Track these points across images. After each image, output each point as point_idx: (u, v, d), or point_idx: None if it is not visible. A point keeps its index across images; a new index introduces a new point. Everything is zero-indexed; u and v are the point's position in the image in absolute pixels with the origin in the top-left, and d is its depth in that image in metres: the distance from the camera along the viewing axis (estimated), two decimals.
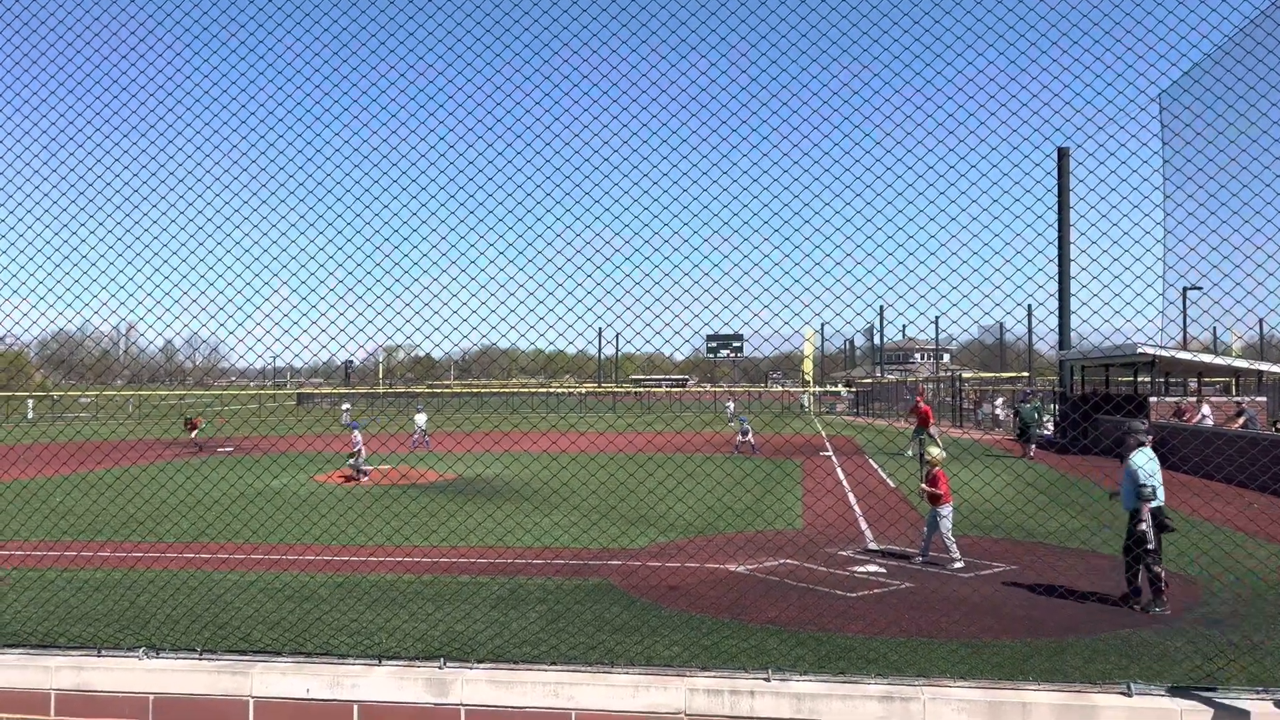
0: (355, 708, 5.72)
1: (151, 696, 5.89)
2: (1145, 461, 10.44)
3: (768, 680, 5.58)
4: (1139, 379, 35.29)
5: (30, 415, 61.74)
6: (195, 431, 37.36)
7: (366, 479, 23.90)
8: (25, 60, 7.14)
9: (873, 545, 14.74)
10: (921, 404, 31.12)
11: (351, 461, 24.41)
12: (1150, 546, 10.22)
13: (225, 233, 7.02)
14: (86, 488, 19.05)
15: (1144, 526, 10.25)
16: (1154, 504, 10.35)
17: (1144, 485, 10.26)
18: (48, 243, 7.07)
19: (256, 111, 6.88)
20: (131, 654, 6.15)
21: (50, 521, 16.24)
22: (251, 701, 5.81)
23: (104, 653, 6.20)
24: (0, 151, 7.25)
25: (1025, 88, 5.60)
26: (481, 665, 5.87)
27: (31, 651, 6.33)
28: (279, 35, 6.74)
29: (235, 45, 6.81)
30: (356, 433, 24.83)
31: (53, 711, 5.98)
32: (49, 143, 7.08)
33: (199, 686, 5.86)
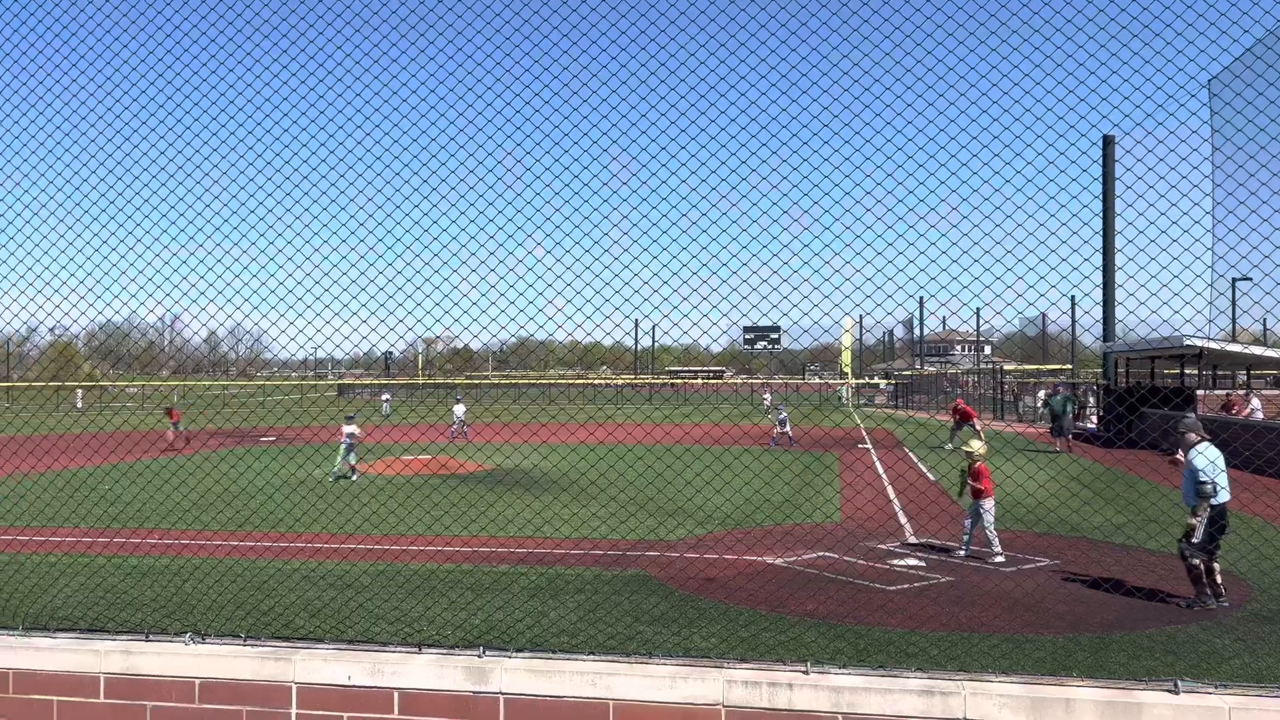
0: (396, 695, 5.77)
1: (198, 681, 5.99)
2: (1211, 458, 10.13)
3: (806, 673, 5.55)
4: (1186, 372, 34.61)
5: (79, 405, 63.08)
6: (176, 424, 32.36)
7: (355, 475, 22.80)
8: (73, 55, 7.27)
9: (912, 539, 14.62)
10: (961, 404, 30.94)
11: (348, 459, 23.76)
12: (1195, 540, 10.01)
13: (268, 224, 7.11)
14: (134, 476, 19.43)
15: (1194, 521, 10.05)
16: (1217, 500, 10.06)
17: (1204, 482, 9.98)
18: (95, 234, 7.19)
19: (298, 104, 6.94)
20: (178, 639, 6.25)
21: (100, 509, 16.57)
22: (295, 687, 5.89)
23: (151, 637, 6.31)
24: (51, 145, 7.38)
25: (1071, 74, 5.50)
26: (520, 654, 5.90)
27: (82, 635, 6.46)
28: (311, 20, 6.79)
29: (268, 32, 6.88)
30: (351, 427, 23.17)
31: (102, 694, 6.10)
32: (96, 135, 7.20)
33: (244, 671, 5.95)
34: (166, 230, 7.10)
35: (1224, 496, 10.18)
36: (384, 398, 61.46)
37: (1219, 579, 10.16)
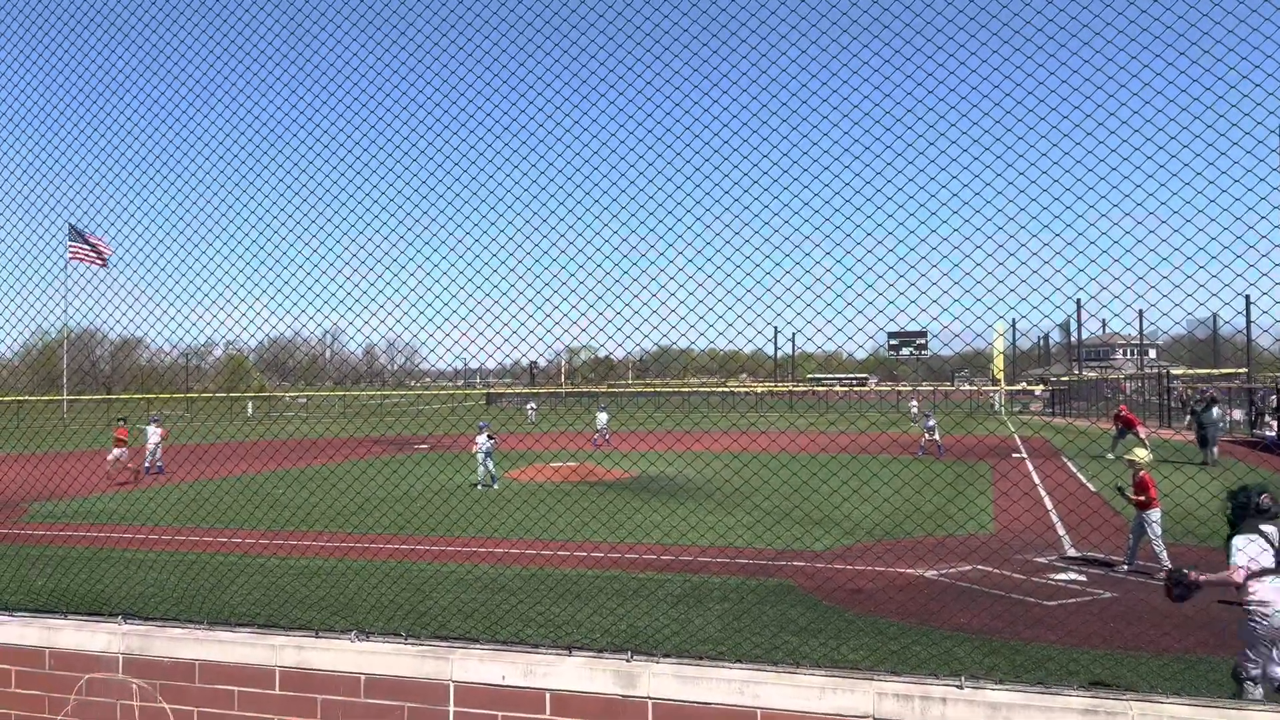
0: (547, 695, 5.91)
1: (363, 676, 6.31)
2: None
3: (960, 688, 5.38)
4: None
5: (250, 413, 67.27)
6: (118, 452, 25.12)
7: (496, 483, 22.77)
8: (221, 64, 7.79)
9: (1071, 552, 13.96)
10: (1124, 410, 29.40)
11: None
12: None
13: (424, 240, 7.43)
14: (304, 481, 20.58)
15: None
16: None
17: None
18: (260, 247, 7.69)
19: (442, 117, 7.24)
20: (344, 636, 6.59)
21: (272, 513, 17.63)
22: (452, 685, 6.12)
23: (321, 634, 6.67)
24: (220, 169, 7.94)
25: (1245, 58, 5.16)
26: (667, 660, 5.95)
27: (258, 631, 6.90)
28: (462, 28, 7.06)
29: (432, 33, 7.19)
30: (482, 436, 22.78)
31: (277, 686, 6.50)
32: (261, 156, 7.71)
33: (404, 669, 6.23)
34: (329, 246, 7.52)
35: None
36: (530, 406, 63.06)
37: None
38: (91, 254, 12.04)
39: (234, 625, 7.01)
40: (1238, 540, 6.90)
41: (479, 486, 22.26)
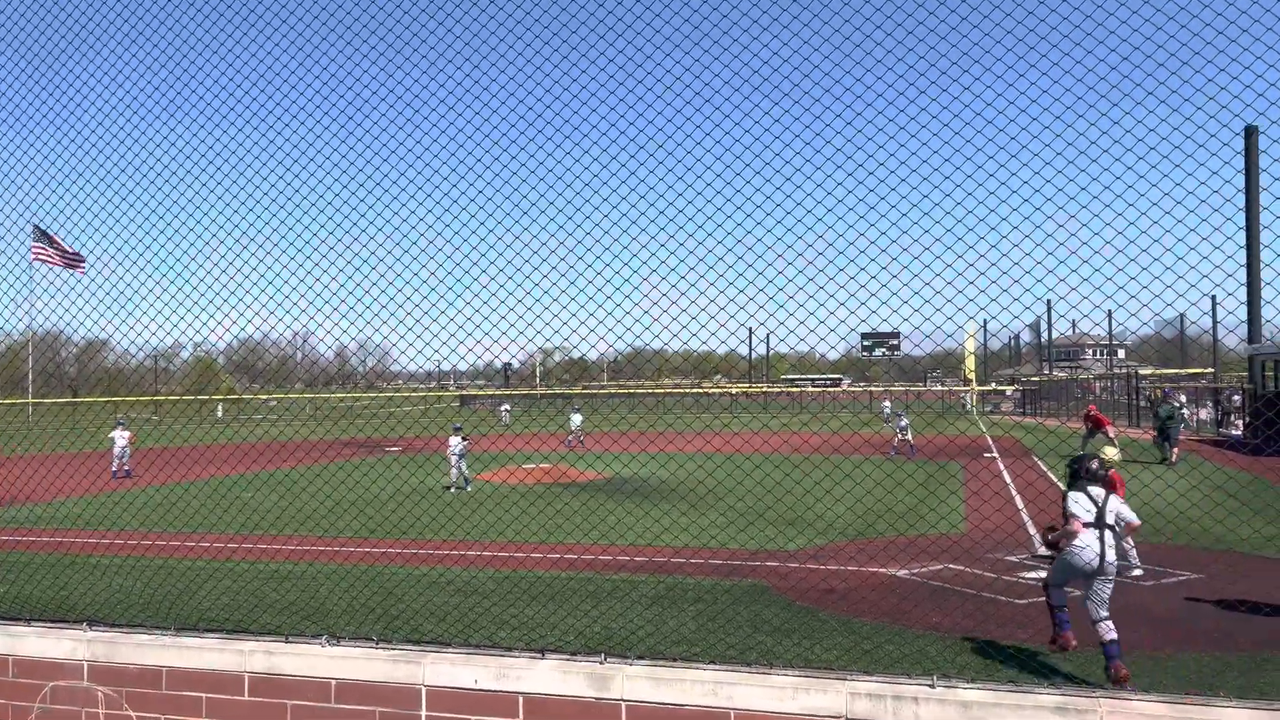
0: (520, 699, 5.89)
1: (334, 681, 6.25)
2: None
3: (933, 687, 5.41)
4: None
5: (220, 415, 66.57)
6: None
7: (469, 485, 22.41)
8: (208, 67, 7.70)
9: (1042, 551, 14.08)
10: (1094, 410, 29.67)
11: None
12: None
13: (394, 240, 7.37)
14: (274, 484, 20.40)
15: None
16: None
17: None
18: (224, 245, 7.60)
19: (419, 123, 7.19)
20: (315, 641, 6.53)
21: (242, 516, 17.44)
22: (424, 689, 6.07)
23: (291, 639, 6.60)
24: (195, 173, 7.84)
25: (1211, 61, 5.22)
26: (641, 661, 5.94)
27: (227, 636, 6.82)
28: (431, 27, 7.01)
29: (393, 40, 7.14)
30: (457, 438, 22.58)
31: (246, 692, 6.42)
32: (237, 162, 7.62)
33: (376, 674, 6.17)
34: (301, 248, 7.44)
35: None
36: (504, 408, 62.88)
37: None
38: (57, 256, 11.86)
39: (202, 631, 6.92)
40: (1071, 496, 8.25)
41: (451, 489, 22.09)
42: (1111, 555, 8.01)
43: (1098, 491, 8.29)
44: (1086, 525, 8.08)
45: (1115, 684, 7.50)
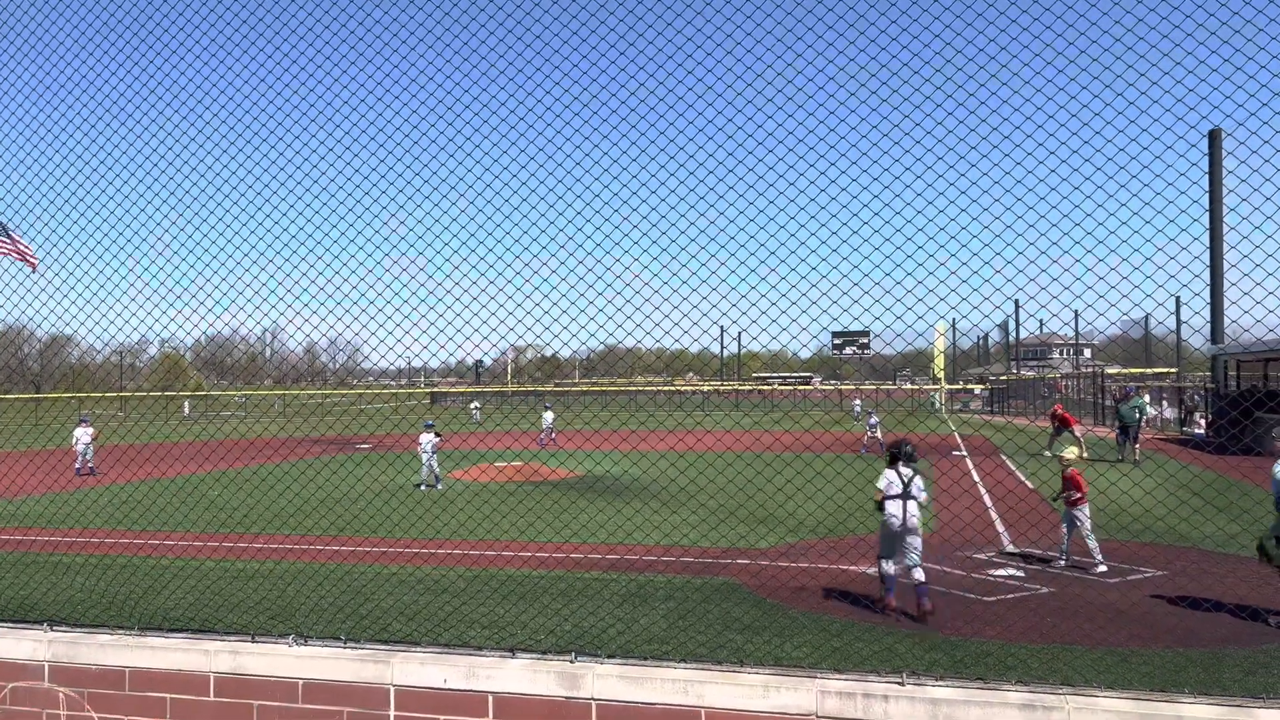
0: (490, 698, 5.85)
1: (301, 681, 6.18)
2: None
3: (902, 684, 5.44)
4: None
5: (187, 412, 65.80)
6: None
7: (440, 484, 22.00)
8: (160, 61, 7.59)
9: (1010, 548, 14.21)
10: (1059, 410, 29.99)
11: None
12: (1270, 557, 9.75)
13: (366, 237, 7.31)
14: (242, 482, 20.18)
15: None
16: None
17: None
18: (195, 243, 7.50)
19: (391, 118, 7.13)
20: (282, 641, 6.46)
21: (209, 515, 17.24)
22: (392, 689, 6.02)
23: (257, 639, 6.52)
24: (156, 162, 7.72)
25: (1180, 63, 5.28)
26: (612, 660, 5.92)
27: (192, 636, 6.73)
28: (410, 11, 6.95)
29: (365, 34, 7.07)
30: (429, 435, 22.14)
31: (211, 692, 6.34)
32: (197, 149, 7.52)
33: (344, 674, 6.11)
34: (271, 243, 7.36)
35: None
36: (474, 405, 62.62)
37: None
38: (14, 250, 11.64)
39: (166, 631, 6.83)
40: (883, 474, 10.47)
41: (422, 487, 21.93)
42: (914, 521, 10.15)
43: (906, 470, 10.40)
44: (893, 497, 10.24)
45: (920, 616, 9.73)
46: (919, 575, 9.99)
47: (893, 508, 10.22)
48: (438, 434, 22.42)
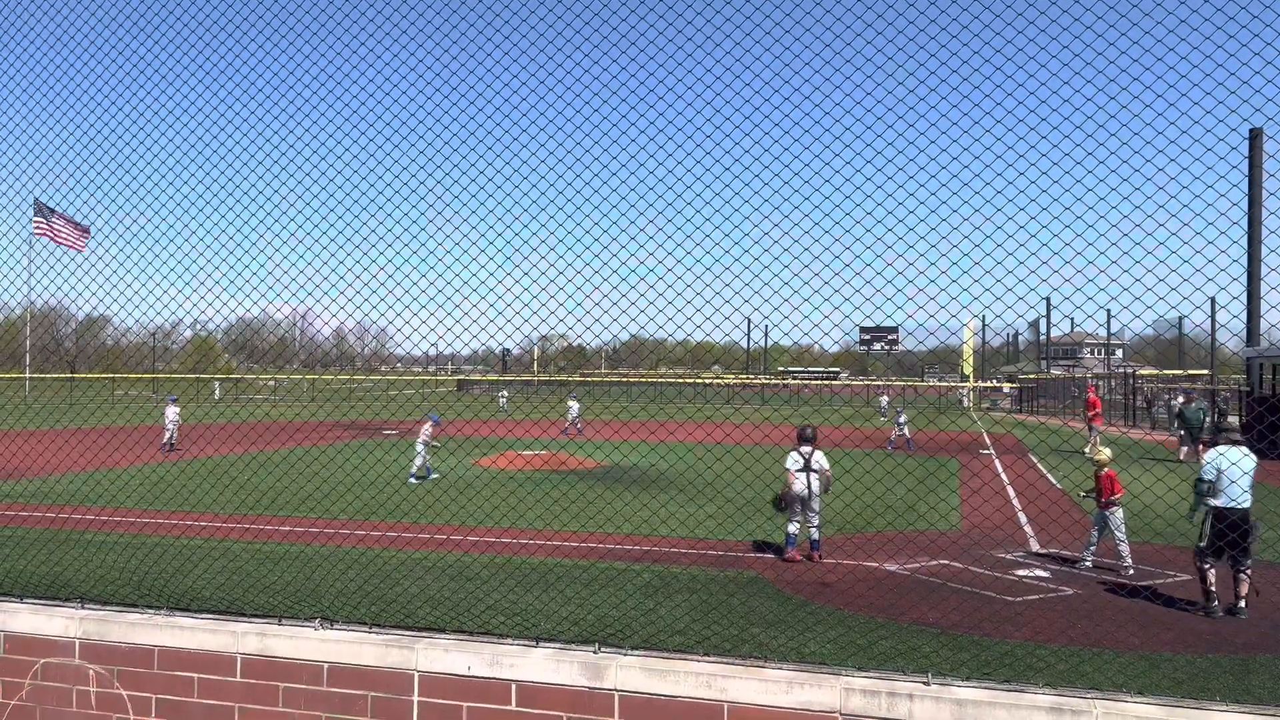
0: (513, 686, 5.88)
1: (326, 665, 6.23)
2: (1225, 462, 10.15)
3: (927, 684, 5.40)
4: None
5: (217, 395, 66.54)
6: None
7: (432, 474, 21.75)
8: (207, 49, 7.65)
9: (1037, 549, 14.09)
10: (1091, 394, 29.84)
11: None
12: (1201, 544, 10.23)
13: (394, 219, 7.34)
14: (272, 466, 20.36)
15: (1201, 521, 10.33)
16: (1218, 503, 10.12)
17: (1199, 480, 10.24)
18: (221, 229, 7.57)
19: (426, 103, 7.14)
20: (308, 624, 6.52)
21: (238, 498, 17.43)
22: (416, 675, 6.06)
23: (284, 621, 6.59)
24: (191, 154, 7.80)
25: (1221, 65, 5.18)
26: (635, 652, 5.93)
27: (220, 617, 6.81)
28: (445, 15, 6.97)
29: (402, 22, 7.09)
30: (427, 424, 21.73)
31: (238, 673, 6.41)
32: (225, 138, 7.58)
33: (368, 658, 6.16)
34: (302, 225, 7.41)
35: (1233, 501, 10.07)
36: (503, 394, 62.86)
37: (1213, 586, 10.22)
38: (60, 232, 11.78)
39: (195, 612, 6.91)
40: (790, 455, 13.08)
41: (412, 479, 21.07)
42: (816, 490, 12.86)
43: (806, 449, 13.01)
44: (799, 472, 12.85)
45: (808, 558, 12.67)
46: (815, 535, 12.81)
47: (800, 482, 12.77)
48: (437, 423, 21.87)
